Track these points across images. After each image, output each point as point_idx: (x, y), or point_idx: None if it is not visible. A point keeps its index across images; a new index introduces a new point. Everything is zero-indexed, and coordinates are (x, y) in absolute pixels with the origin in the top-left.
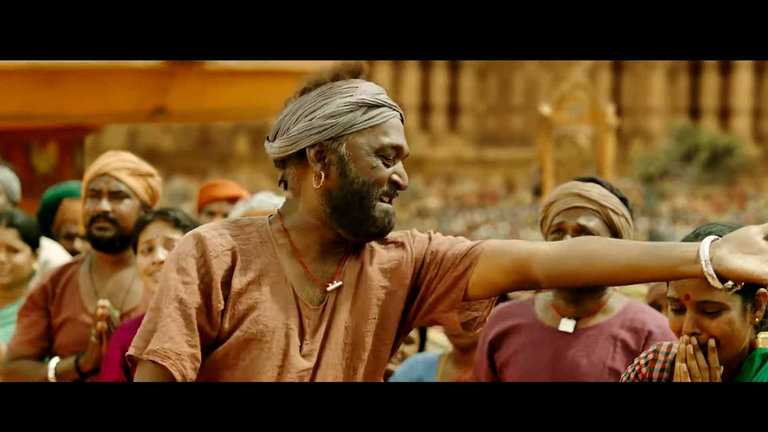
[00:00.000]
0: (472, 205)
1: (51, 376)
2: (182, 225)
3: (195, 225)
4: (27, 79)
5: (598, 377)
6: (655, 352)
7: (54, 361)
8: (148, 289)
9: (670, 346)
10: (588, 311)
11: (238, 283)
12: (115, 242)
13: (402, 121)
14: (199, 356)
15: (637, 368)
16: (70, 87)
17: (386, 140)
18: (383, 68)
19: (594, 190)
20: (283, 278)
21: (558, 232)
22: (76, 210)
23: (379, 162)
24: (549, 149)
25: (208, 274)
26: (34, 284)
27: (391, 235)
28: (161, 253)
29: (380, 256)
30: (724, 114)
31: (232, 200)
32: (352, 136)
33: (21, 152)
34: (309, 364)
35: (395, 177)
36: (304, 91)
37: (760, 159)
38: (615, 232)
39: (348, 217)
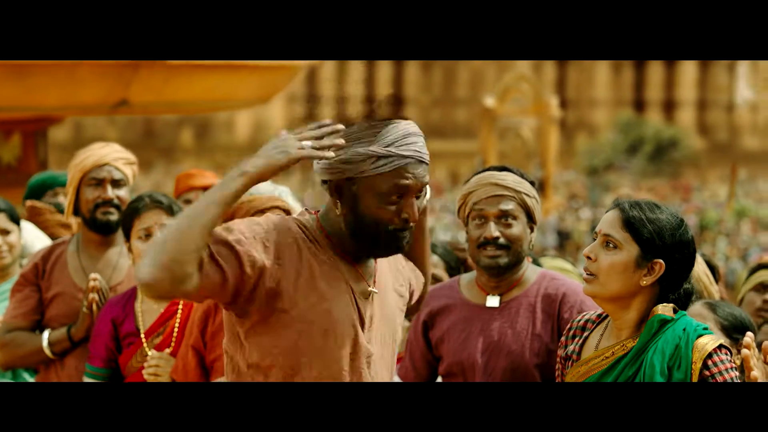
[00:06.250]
0: None
1: (45, 345)
2: (174, 212)
3: (182, 210)
4: None
5: (523, 343)
6: (569, 329)
7: (47, 332)
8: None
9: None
10: (509, 285)
11: (275, 268)
12: (116, 225)
13: (423, 162)
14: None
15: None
16: (37, 80)
17: (388, 186)
18: (328, 61)
19: (509, 178)
20: (340, 275)
21: (481, 218)
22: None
23: (384, 203)
24: (492, 141)
25: (267, 251)
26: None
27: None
28: None
29: (392, 261)
30: (669, 106)
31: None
32: (364, 180)
33: None
34: (373, 349)
35: (403, 214)
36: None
37: (704, 151)
38: (528, 212)
39: (362, 242)
